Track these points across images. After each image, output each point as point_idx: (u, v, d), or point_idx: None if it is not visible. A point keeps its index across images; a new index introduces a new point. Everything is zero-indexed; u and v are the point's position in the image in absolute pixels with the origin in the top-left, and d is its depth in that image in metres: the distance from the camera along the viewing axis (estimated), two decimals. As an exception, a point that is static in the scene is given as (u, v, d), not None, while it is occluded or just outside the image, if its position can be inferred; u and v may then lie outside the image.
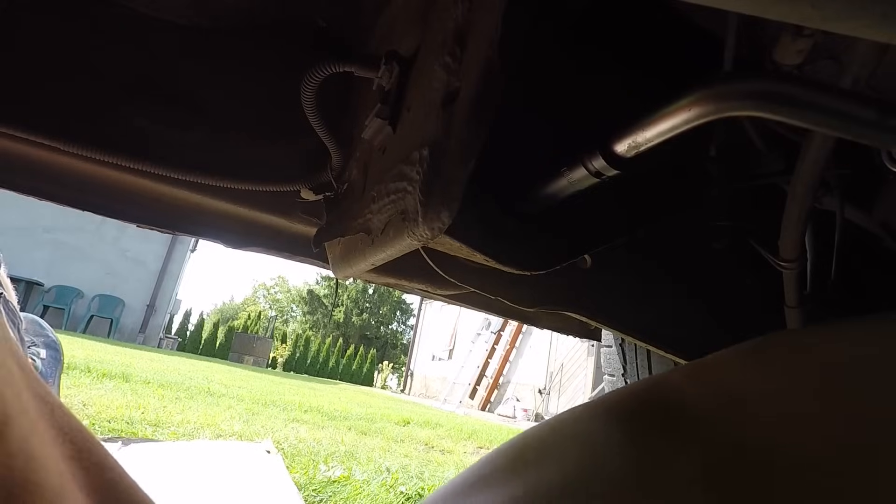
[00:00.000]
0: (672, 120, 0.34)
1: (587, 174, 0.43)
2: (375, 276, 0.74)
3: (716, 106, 0.32)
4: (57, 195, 0.81)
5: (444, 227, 0.41)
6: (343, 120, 0.84)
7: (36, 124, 0.71)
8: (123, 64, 0.77)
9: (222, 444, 2.35)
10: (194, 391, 4.12)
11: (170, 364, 6.84)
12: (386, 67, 0.59)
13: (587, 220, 0.55)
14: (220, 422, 2.88)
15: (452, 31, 0.48)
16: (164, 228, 0.87)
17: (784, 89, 0.30)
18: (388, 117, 0.57)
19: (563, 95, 0.52)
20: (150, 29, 0.77)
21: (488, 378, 12.74)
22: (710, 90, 0.32)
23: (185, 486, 1.62)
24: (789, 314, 0.74)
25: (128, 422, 2.37)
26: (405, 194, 0.47)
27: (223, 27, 0.81)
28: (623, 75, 0.56)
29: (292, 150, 0.83)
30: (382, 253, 0.53)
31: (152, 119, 0.77)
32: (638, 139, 0.38)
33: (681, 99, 0.34)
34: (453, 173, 0.41)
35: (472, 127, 0.41)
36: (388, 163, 0.56)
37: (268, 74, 0.83)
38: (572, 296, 0.73)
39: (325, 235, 0.77)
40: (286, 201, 0.85)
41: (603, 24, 0.54)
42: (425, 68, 0.53)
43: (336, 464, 2.30)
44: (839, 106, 0.29)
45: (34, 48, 0.72)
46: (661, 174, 0.62)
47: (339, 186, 0.78)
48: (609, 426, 0.35)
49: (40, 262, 12.17)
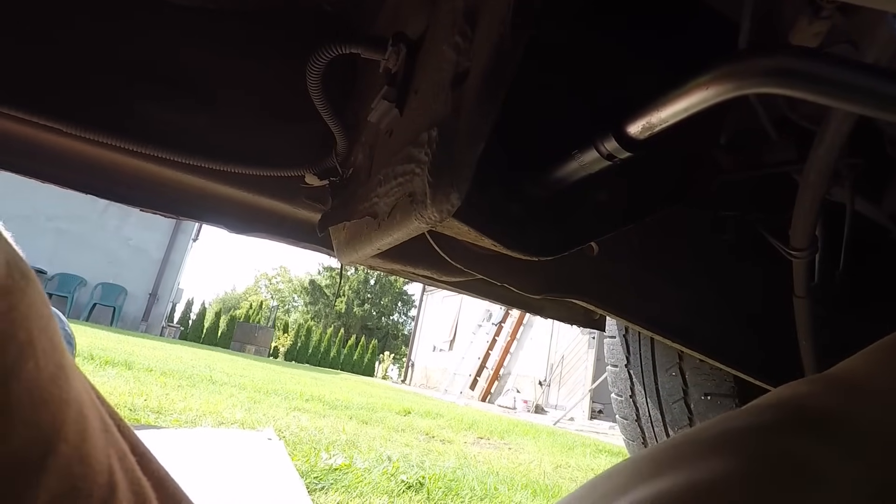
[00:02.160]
0: (689, 99, 0.34)
1: (599, 157, 0.42)
2: (380, 262, 0.73)
3: (735, 83, 0.31)
4: (60, 178, 0.81)
5: (454, 208, 0.41)
6: (348, 104, 0.83)
7: (40, 107, 0.70)
8: (128, 47, 0.76)
9: (224, 432, 2.36)
10: (196, 379, 4.14)
11: (172, 352, 6.87)
12: (393, 49, 0.58)
13: (595, 207, 0.54)
14: (223, 410, 2.89)
15: (462, 10, 0.47)
16: (167, 213, 0.87)
17: (806, 65, 0.29)
18: (395, 100, 0.56)
19: (575, 76, 0.51)
20: (155, 11, 0.76)
21: (489, 369, 12.78)
22: (730, 67, 0.31)
23: (188, 474, 1.63)
24: (797, 304, 0.73)
25: (131, 409, 2.38)
26: (413, 176, 0.46)
27: (228, 10, 0.79)
28: (637, 60, 0.55)
29: (297, 135, 0.82)
30: (389, 237, 0.53)
31: (156, 102, 0.76)
32: (653, 119, 0.37)
33: (699, 76, 0.33)
34: (463, 154, 0.40)
35: (482, 107, 0.41)
36: (395, 145, 0.56)
37: (273, 58, 0.82)
38: (578, 283, 0.73)
39: (330, 220, 0.77)
40: (291, 186, 0.84)
41: (617, 6, 0.53)
42: (433, 49, 0.52)
43: (337, 452, 2.31)
44: (863, 81, 0.28)
45: (36, 31, 0.72)
46: (671, 161, 0.61)
47: (344, 171, 0.77)
48: (754, 432, 0.31)
49: (43, 251, 12.20)
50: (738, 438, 0.31)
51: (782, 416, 0.31)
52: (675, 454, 0.32)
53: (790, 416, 0.31)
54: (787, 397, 0.33)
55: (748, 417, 0.32)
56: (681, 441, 0.33)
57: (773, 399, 0.33)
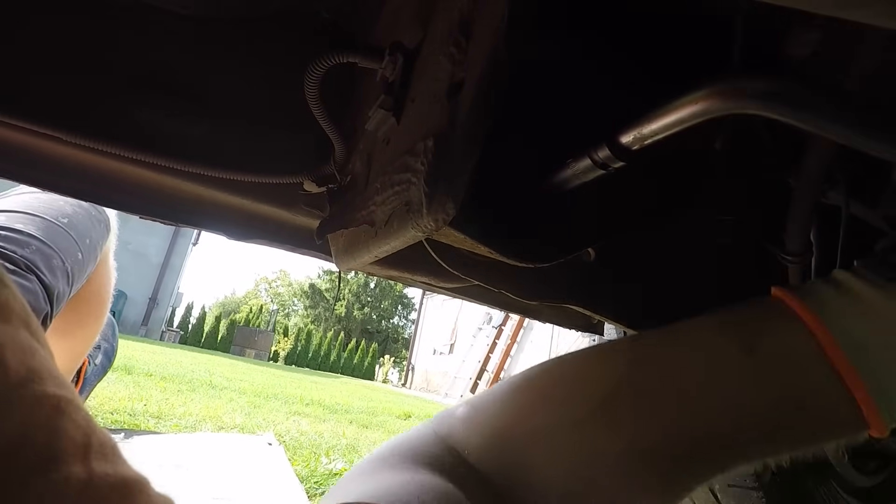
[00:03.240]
0: (679, 114, 0.34)
1: (592, 166, 0.43)
2: (378, 268, 0.74)
3: (724, 104, 0.32)
4: (59, 186, 0.81)
5: (449, 218, 0.41)
6: (346, 112, 0.83)
7: (37, 114, 0.70)
8: (127, 55, 0.76)
9: (224, 437, 2.36)
10: (196, 384, 4.14)
11: (172, 357, 6.86)
12: (390, 58, 0.59)
13: (591, 213, 0.54)
14: (222, 414, 2.89)
15: (457, 21, 0.47)
16: (166, 220, 0.87)
17: (794, 92, 0.30)
18: (393, 108, 0.57)
19: (568, 86, 0.52)
20: (153, 19, 0.77)
21: (489, 372, 12.77)
22: (719, 87, 0.32)
23: (188, 479, 1.63)
24: (793, 309, 0.73)
25: (130, 414, 2.38)
26: (409, 185, 0.47)
27: (226, 18, 0.80)
28: (627, 67, 0.55)
29: (295, 142, 0.83)
30: (386, 245, 0.53)
31: (155, 110, 0.76)
32: (644, 131, 0.37)
33: (689, 94, 0.33)
34: (458, 164, 0.41)
35: (476, 118, 0.41)
36: (392, 154, 0.56)
37: (271, 66, 0.82)
38: (575, 289, 0.73)
39: (329, 227, 0.77)
40: (289, 193, 0.84)
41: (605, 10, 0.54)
42: (430, 59, 0.53)
43: (337, 456, 2.31)
44: (850, 116, 0.29)
45: (35, 38, 0.72)
46: (666, 168, 0.62)
47: (342, 178, 0.77)
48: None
49: (43, 255, 12.18)
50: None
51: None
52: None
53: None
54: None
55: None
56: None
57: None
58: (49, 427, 0.24)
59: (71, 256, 1.00)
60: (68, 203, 1.08)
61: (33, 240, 0.95)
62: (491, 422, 0.45)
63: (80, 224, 1.06)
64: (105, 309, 1.25)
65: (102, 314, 1.24)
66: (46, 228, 0.99)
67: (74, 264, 1.01)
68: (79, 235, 1.04)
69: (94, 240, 1.10)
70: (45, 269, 0.93)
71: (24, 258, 0.91)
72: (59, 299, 0.96)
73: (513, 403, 0.46)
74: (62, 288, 0.97)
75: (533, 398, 0.46)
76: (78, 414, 0.26)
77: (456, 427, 0.46)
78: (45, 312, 0.91)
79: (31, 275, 0.90)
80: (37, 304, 0.89)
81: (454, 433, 0.45)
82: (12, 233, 0.94)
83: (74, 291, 1.05)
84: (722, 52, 0.52)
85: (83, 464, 0.24)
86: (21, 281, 0.88)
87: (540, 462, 0.41)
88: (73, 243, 1.02)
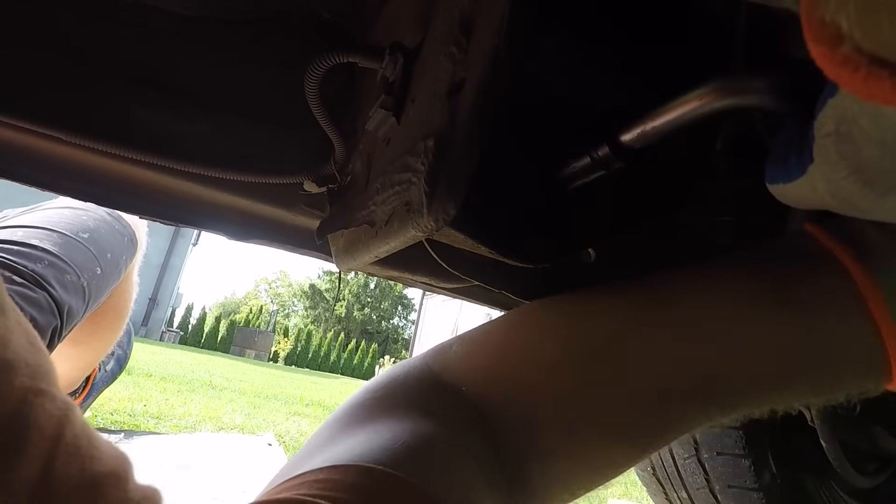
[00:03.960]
0: (683, 109, 0.34)
1: (593, 165, 0.43)
2: (378, 268, 0.74)
3: (729, 99, 0.32)
4: (59, 186, 0.81)
5: (450, 218, 0.41)
6: (346, 112, 0.83)
7: (37, 114, 0.70)
8: (127, 55, 0.76)
9: (224, 437, 2.36)
10: (196, 384, 4.14)
11: (172, 357, 6.86)
12: (390, 58, 0.58)
13: (591, 213, 0.54)
14: (222, 415, 2.89)
15: (458, 20, 0.47)
16: (166, 220, 0.87)
17: (801, 86, 0.29)
18: (393, 108, 0.57)
19: (569, 85, 0.52)
20: (153, 19, 0.77)
21: (489, 373, 12.76)
22: (724, 82, 0.32)
23: (188, 479, 1.63)
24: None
25: (130, 414, 2.38)
26: (410, 185, 0.46)
27: (226, 18, 0.80)
28: (628, 66, 0.55)
29: (295, 142, 0.83)
30: (386, 245, 0.53)
31: (155, 110, 0.76)
32: (647, 128, 0.37)
33: (694, 89, 0.33)
34: (459, 164, 0.41)
35: (477, 118, 0.41)
36: (392, 154, 0.56)
37: (271, 67, 0.82)
38: (575, 289, 0.73)
39: (329, 228, 0.77)
40: (289, 193, 0.84)
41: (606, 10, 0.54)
42: (430, 59, 0.53)
43: (337, 457, 2.30)
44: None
45: (34, 37, 0.72)
46: (668, 168, 0.62)
47: (342, 178, 0.77)
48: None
49: (43, 255, 12.18)
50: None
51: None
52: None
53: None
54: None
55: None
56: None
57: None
58: (15, 419, 0.24)
59: (88, 271, 1.00)
60: (92, 218, 1.08)
61: (47, 255, 0.95)
62: (491, 358, 0.44)
63: (102, 239, 1.07)
64: (122, 322, 1.25)
65: (119, 326, 1.25)
66: (64, 244, 0.99)
67: (92, 279, 1.01)
68: (99, 251, 1.04)
69: (117, 255, 1.10)
70: (56, 283, 0.93)
71: (34, 272, 0.91)
72: (70, 314, 0.96)
73: (514, 340, 0.46)
74: (75, 303, 0.97)
75: (534, 335, 0.46)
76: (53, 405, 0.26)
77: (452, 363, 0.45)
78: (53, 326, 0.91)
79: (39, 288, 0.90)
80: (43, 317, 0.89)
81: (451, 369, 0.45)
82: (26, 248, 0.95)
83: (95, 306, 1.05)
84: (722, 52, 0.52)
85: (46, 461, 0.24)
86: (26, 292, 0.88)
87: (548, 396, 0.41)
88: (92, 258, 1.02)
